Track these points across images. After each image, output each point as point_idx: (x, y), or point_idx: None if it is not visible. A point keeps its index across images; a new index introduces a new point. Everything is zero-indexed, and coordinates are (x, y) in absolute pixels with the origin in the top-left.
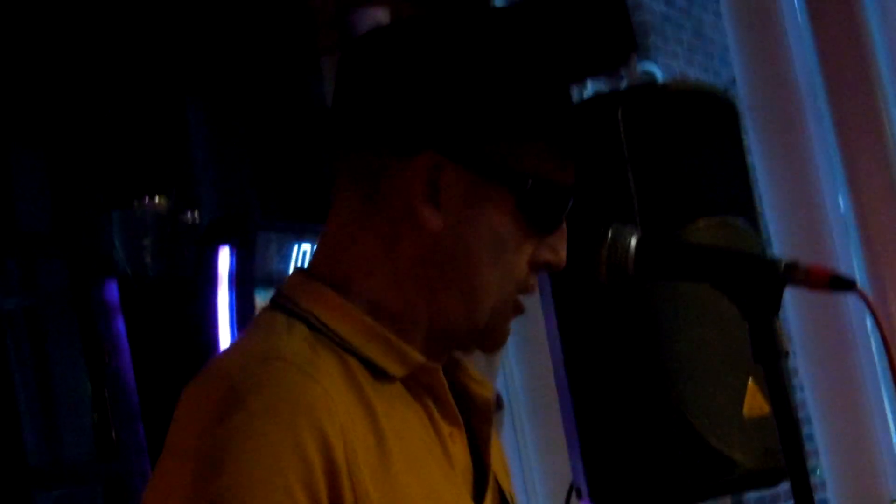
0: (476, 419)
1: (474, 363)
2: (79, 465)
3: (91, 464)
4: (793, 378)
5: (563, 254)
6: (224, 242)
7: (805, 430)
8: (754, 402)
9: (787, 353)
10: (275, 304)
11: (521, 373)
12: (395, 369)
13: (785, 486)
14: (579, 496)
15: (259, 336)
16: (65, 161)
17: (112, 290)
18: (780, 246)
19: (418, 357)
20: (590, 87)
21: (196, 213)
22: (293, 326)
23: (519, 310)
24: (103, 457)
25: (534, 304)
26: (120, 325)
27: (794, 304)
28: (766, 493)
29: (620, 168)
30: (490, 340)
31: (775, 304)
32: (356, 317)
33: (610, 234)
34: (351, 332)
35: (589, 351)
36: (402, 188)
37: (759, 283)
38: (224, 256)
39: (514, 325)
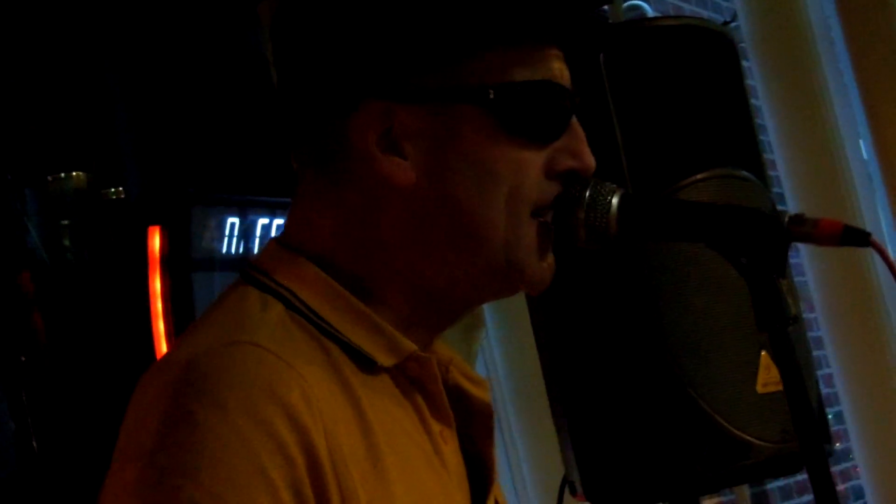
0: (473, 425)
1: (449, 346)
2: None
3: (11, 480)
4: (815, 350)
5: (587, 156)
6: (154, 221)
7: (833, 408)
8: (769, 376)
9: (795, 318)
10: (246, 277)
11: (503, 356)
12: (384, 358)
13: None
14: (573, 492)
15: (227, 315)
16: None
17: (26, 281)
18: (794, 201)
19: (409, 345)
20: None
21: (121, 189)
22: (268, 304)
23: (548, 231)
24: (25, 472)
25: None
26: (37, 320)
27: (814, 266)
28: (791, 480)
29: (605, 119)
30: (524, 278)
31: (779, 262)
32: (341, 296)
33: (588, 193)
34: (335, 315)
35: (576, 328)
36: (356, 149)
37: (760, 239)
38: (155, 237)
39: (492, 305)
